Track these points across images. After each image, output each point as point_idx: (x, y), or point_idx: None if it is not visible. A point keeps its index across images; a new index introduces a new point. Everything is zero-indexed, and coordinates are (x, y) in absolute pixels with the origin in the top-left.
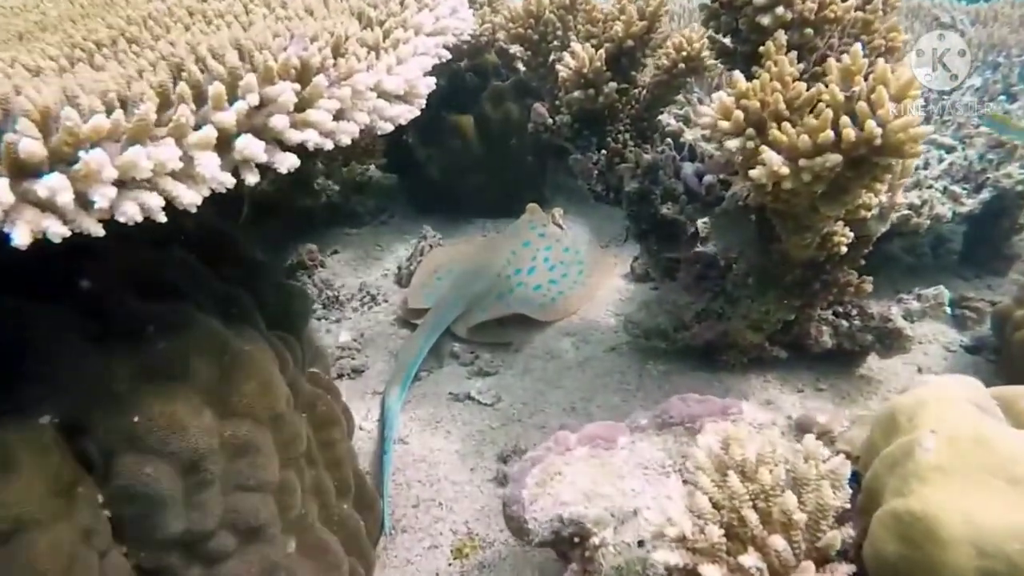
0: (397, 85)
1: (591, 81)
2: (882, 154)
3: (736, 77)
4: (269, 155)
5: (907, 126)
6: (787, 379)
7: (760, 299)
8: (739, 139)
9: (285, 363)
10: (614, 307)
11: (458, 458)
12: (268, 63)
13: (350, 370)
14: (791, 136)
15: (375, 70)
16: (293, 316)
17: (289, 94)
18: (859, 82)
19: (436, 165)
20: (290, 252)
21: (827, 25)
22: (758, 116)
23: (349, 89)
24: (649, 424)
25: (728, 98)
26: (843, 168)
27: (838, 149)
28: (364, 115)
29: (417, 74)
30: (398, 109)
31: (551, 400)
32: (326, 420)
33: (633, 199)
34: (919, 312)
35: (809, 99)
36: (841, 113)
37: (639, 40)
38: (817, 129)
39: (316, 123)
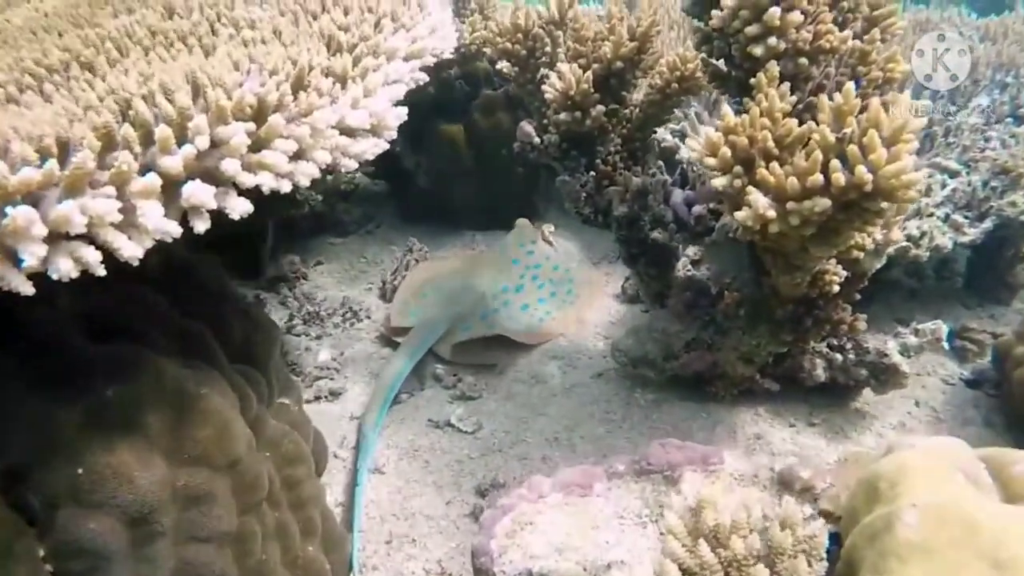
0: (362, 120)
1: (578, 104)
2: (873, 199)
3: (725, 111)
4: (220, 200)
5: (899, 172)
6: (779, 412)
7: (751, 332)
8: (726, 177)
9: (248, 401)
10: (603, 329)
11: (434, 490)
12: (221, 102)
13: (328, 392)
14: (779, 177)
15: (339, 105)
16: (259, 347)
17: (241, 136)
18: (851, 123)
19: (424, 174)
20: (271, 264)
21: (823, 56)
22: (746, 153)
23: (308, 127)
24: (627, 470)
25: (715, 133)
26: (834, 211)
27: (828, 193)
28: (325, 154)
29: (385, 106)
30: (363, 145)
31: (534, 429)
32: (292, 458)
33: (622, 223)
34: (916, 347)
35: (800, 137)
36: (831, 155)
37: (629, 61)
38: (806, 172)
39: (271, 165)
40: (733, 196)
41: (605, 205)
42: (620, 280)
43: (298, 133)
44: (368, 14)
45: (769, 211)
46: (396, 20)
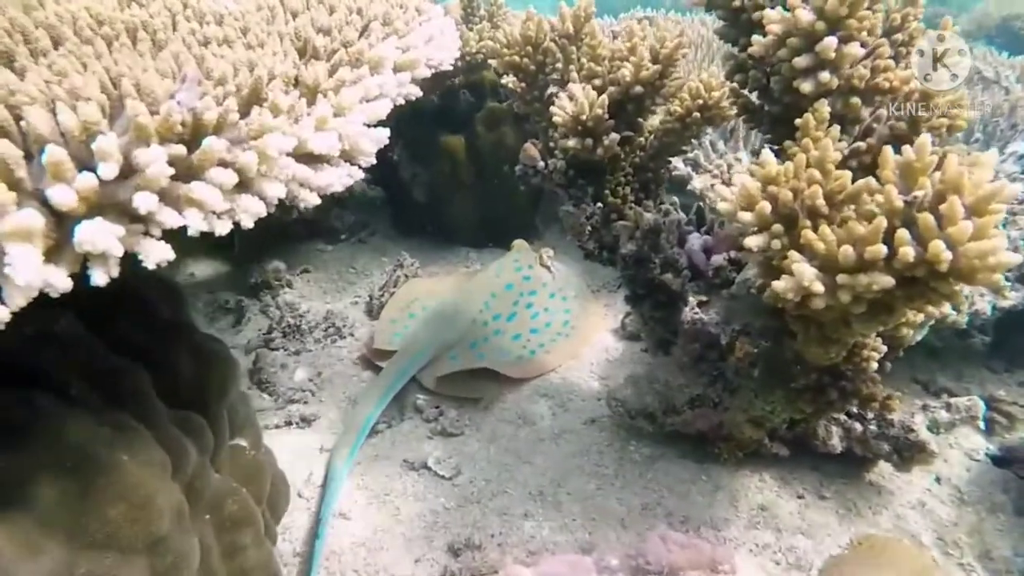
0: (329, 145)
1: (589, 130)
2: (946, 280)
3: (765, 158)
4: (130, 244)
5: (986, 253)
6: (787, 480)
7: (764, 395)
8: (762, 236)
9: (183, 459)
10: (599, 368)
11: (403, 544)
12: (140, 119)
13: (299, 418)
14: (830, 244)
15: (300, 126)
16: (211, 387)
17: (160, 164)
18: (924, 184)
19: (422, 186)
20: (255, 269)
21: (879, 96)
22: (789, 209)
23: (255, 153)
24: (621, 566)
25: (753, 183)
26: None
27: (889, 268)
28: (277, 186)
29: (359, 129)
30: (329, 176)
31: (518, 479)
32: (236, 521)
33: (629, 263)
34: (947, 423)
35: (855, 194)
36: (897, 223)
37: (650, 86)
38: (865, 240)
39: (200, 201)
40: (770, 259)
41: (611, 241)
42: (620, 313)
43: (242, 160)
44: (356, 16)
45: (816, 284)
46: (388, 24)
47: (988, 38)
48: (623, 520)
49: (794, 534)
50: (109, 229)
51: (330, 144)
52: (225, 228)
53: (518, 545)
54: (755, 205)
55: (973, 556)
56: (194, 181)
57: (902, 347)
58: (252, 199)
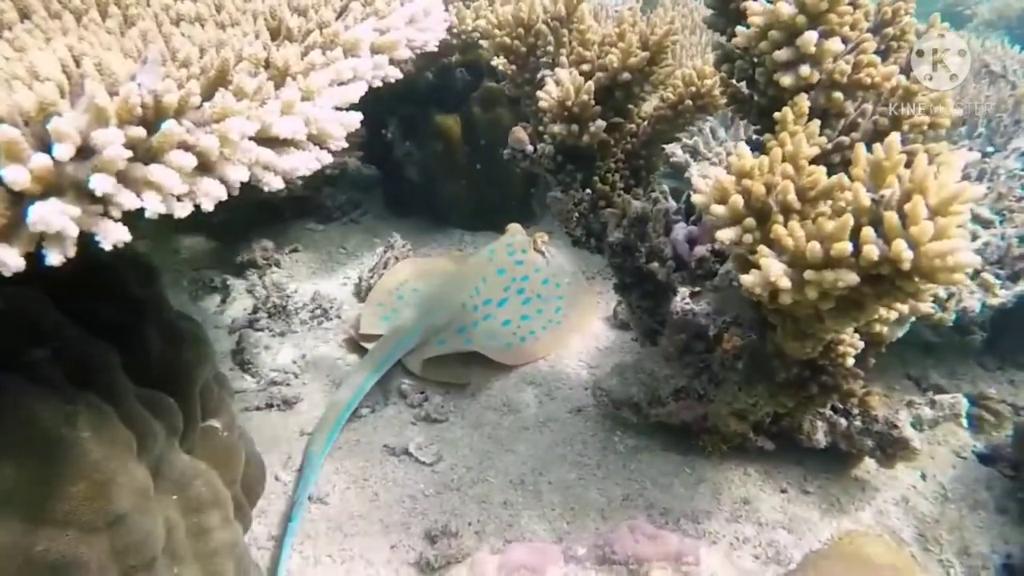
0: (294, 129)
1: (575, 116)
2: (909, 279)
3: (740, 150)
4: (86, 225)
5: (945, 253)
6: (770, 474)
7: (748, 389)
8: (734, 230)
9: (150, 440)
10: (588, 357)
11: (380, 530)
12: (98, 100)
13: (281, 401)
14: (798, 239)
15: (264, 110)
16: (183, 368)
17: (116, 146)
18: (892, 183)
19: (415, 166)
20: (242, 247)
21: (861, 91)
22: (762, 203)
23: (216, 137)
24: (588, 555)
25: (727, 177)
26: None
27: (855, 265)
28: (240, 170)
29: (327, 114)
30: (294, 161)
31: (499, 467)
32: (202, 503)
33: (616, 251)
34: (931, 420)
35: (827, 190)
36: (864, 220)
37: (638, 73)
38: (831, 237)
39: (158, 184)
40: (743, 252)
41: (599, 228)
42: (613, 301)
43: (203, 144)
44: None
45: (783, 280)
46: (369, 4)
47: (1008, 29)
48: (603, 511)
49: (775, 528)
50: (63, 209)
51: (295, 128)
52: (184, 211)
53: (495, 533)
54: (728, 198)
55: (952, 552)
56: (153, 164)
57: (882, 343)
58: (213, 182)
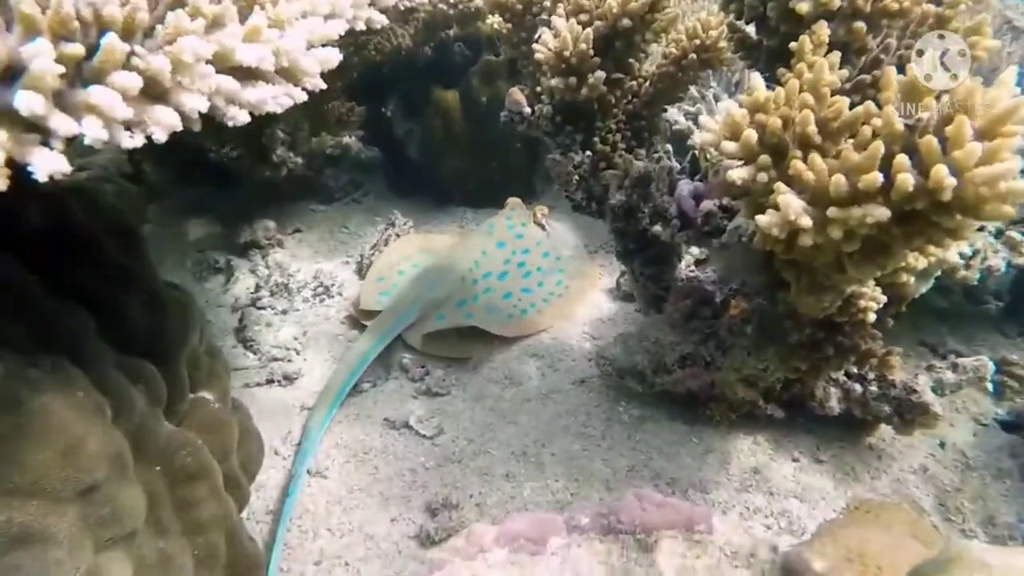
0: (259, 57)
1: (574, 67)
2: (949, 213)
3: (755, 82)
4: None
5: (996, 179)
6: (781, 443)
7: (757, 353)
8: (748, 168)
9: (126, 407)
10: (592, 328)
11: (380, 503)
12: (23, 8)
13: (281, 376)
14: (820, 172)
15: (226, 33)
16: (166, 336)
17: (45, 61)
18: (929, 105)
19: (415, 143)
20: (245, 228)
21: (886, 19)
22: (778, 138)
23: (167, 60)
24: (592, 525)
25: (739, 111)
26: (889, 223)
27: (886, 199)
28: (197, 98)
29: (297, 44)
30: (261, 93)
31: (500, 439)
32: (188, 475)
33: (618, 214)
34: (953, 385)
35: (851, 121)
36: (898, 149)
37: (638, 20)
38: (859, 168)
39: (98, 107)
40: (757, 194)
41: (600, 191)
42: (616, 273)
43: (154, 66)
44: None
45: (803, 218)
46: None
47: None
48: (607, 481)
49: (787, 498)
50: None
51: (260, 56)
52: (135, 142)
53: (497, 505)
54: (740, 134)
55: (976, 522)
56: (89, 86)
57: (904, 300)
58: (166, 110)
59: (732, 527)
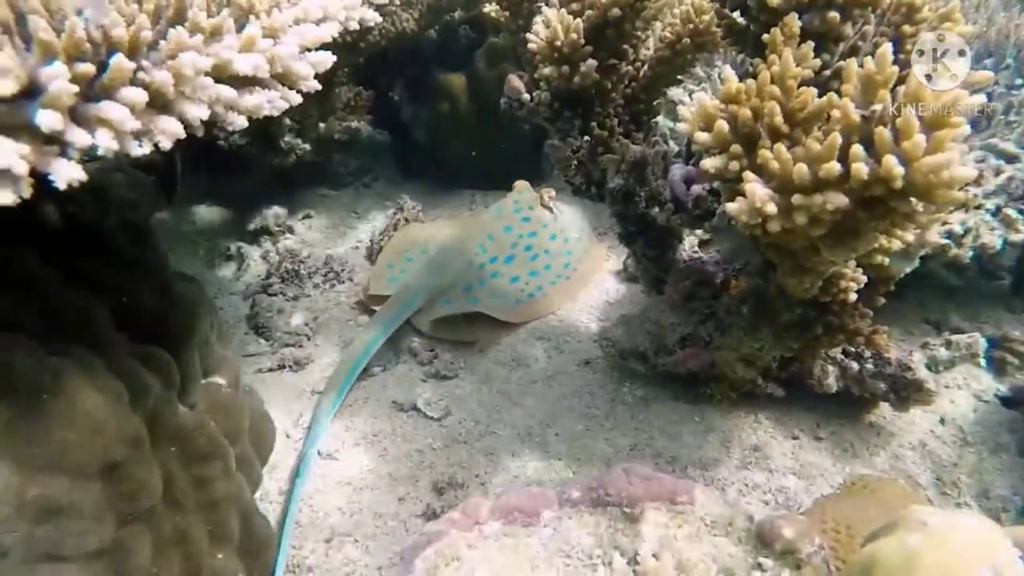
0: (254, 66)
1: (566, 56)
2: (904, 199)
3: (726, 73)
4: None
5: (940, 167)
6: (782, 421)
7: (752, 333)
8: (720, 158)
9: (143, 391)
10: (599, 310)
11: (388, 483)
12: (41, 35)
13: (292, 362)
14: (785, 162)
15: (223, 45)
16: (177, 324)
17: (62, 81)
18: (884, 97)
19: (422, 127)
20: (255, 215)
21: (859, 9)
22: (749, 128)
23: (169, 73)
24: (582, 498)
25: (711, 102)
26: (853, 208)
27: (845, 187)
28: (199, 108)
29: (290, 51)
30: (258, 99)
31: (506, 420)
32: (203, 454)
33: (617, 197)
34: (947, 361)
35: (817, 112)
36: (855, 138)
37: (628, 8)
38: (819, 157)
39: (110, 120)
40: (730, 180)
41: (599, 175)
42: (623, 255)
43: (158, 80)
44: None
45: (768, 205)
46: None
47: None
48: (609, 461)
49: (785, 475)
50: (10, 147)
51: (255, 64)
52: (144, 150)
53: (502, 484)
54: (713, 123)
55: (971, 495)
56: (104, 100)
57: (890, 279)
58: (170, 120)
59: (713, 499)
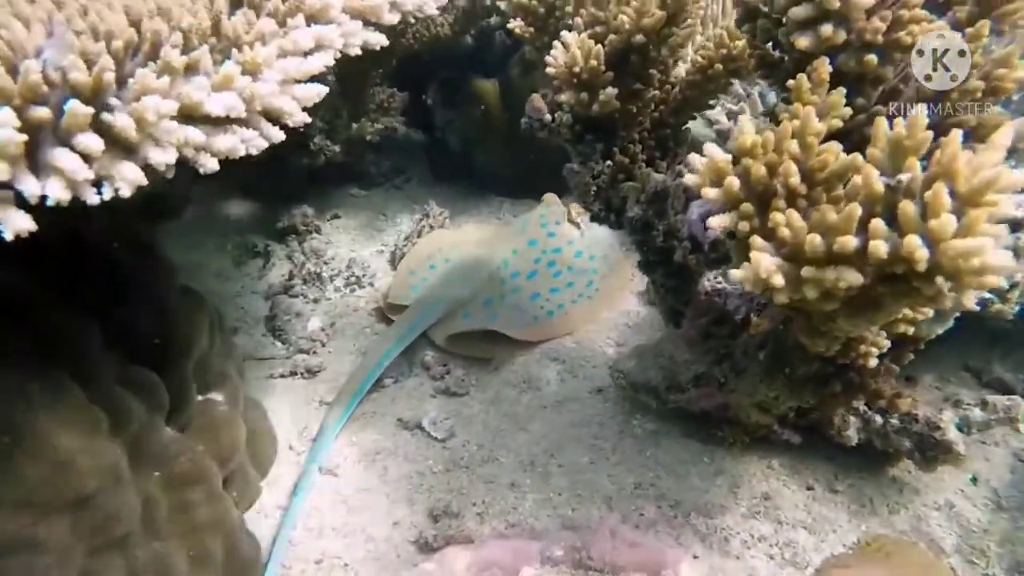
0: (227, 106)
1: (585, 83)
2: (928, 279)
3: (743, 125)
4: None
5: (971, 254)
6: (797, 469)
7: (769, 380)
8: (729, 216)
9: (124, 418)
10: (617, 334)
11: (386, 505)
12: None
13: (304, 369)
14: (797, 229)
15: (193, 85)
16: (173, 344)
17: (7, 131)
18: (912, 166)
19: (455, 132)
20: (284, 213)
21: (899, 52)
22: (763, 186)
23: (130, 118)
24: (564, 558)
25: (721, 155)
26: (873, 281)
27: (862, 264)
28: (166, 152)
29: (270, 88)
30: (231, 141)
31: (511, 446)
32: (186, 479)
33: (636, 227)
34: (981, 423)
35: (840, 172)
36: (877, 210)
37: (654, 35)
38: (835, 228)
39: (62, 169)
40: (740, 240)
41: (619, 202)
42: None
43: (119, 124)
44: None
45: (775, 277)
46: None
47: None
48: (610, 499)
49: (796, 528)
50: None
51: (228, 106)
52: (102, 197)
53: (498, 516)
54: (723, 179)
55: (1001, 567)
56: (56, 148)
57: (920, 340)
58: (131, 167)
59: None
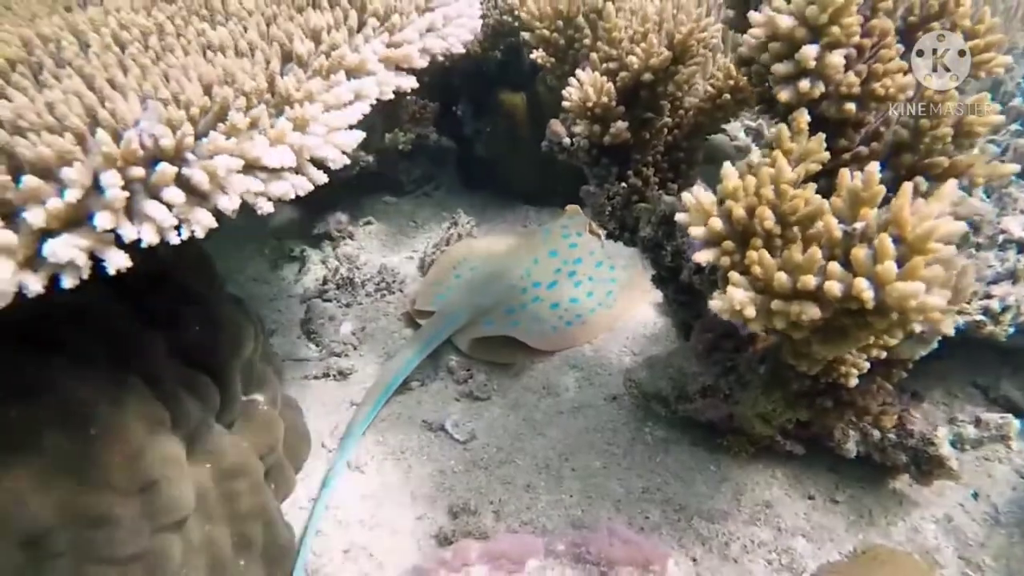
0: (281, 160)
1: (598, 116)
2: (879, 315)
3: (726, 170)
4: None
5: (909, 296)
6: (799, 479)
7: (768, 394)
8: (712, 251)
9: (184, 416)
10: (634, 343)
11: (409, 501)
12: (104, 148)
13: (337, 372)
14: (768, 268)
15: (254, 143)
16: (220, 349)
17: (115, 190)
18: (866, 216)
19: (483, 143)
20: (320, 219)
21: (875, 103)
22: (744, 227)
23: (206, 174)
24: (566, 552)
25: (708, 198)
26: (837, 315)
27: (821, 300)
28: (232, 199)
29: (315, 142)
30: (283, 187)
31: (528, 449)
32: (234, 471)
33: (648, 246)
34: (974, 440)
35: (811, 216)
36: (838, 253)
37: (662, 73)
38: (799, 268)
39: (152, 218)
40: (722, 274)
41: (633, 222)
42: None
43: (196, 179)
44: (352, 11)
45: (748, 308)
46: (386, 19)
47: None
48: (619, 503)
49: (794, 535)
50: (73, 243)
51: (282, 159)
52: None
53: (513, 514)
54: (707, 219)
55: None
56: (147, 200)
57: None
58: (205, 213)
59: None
